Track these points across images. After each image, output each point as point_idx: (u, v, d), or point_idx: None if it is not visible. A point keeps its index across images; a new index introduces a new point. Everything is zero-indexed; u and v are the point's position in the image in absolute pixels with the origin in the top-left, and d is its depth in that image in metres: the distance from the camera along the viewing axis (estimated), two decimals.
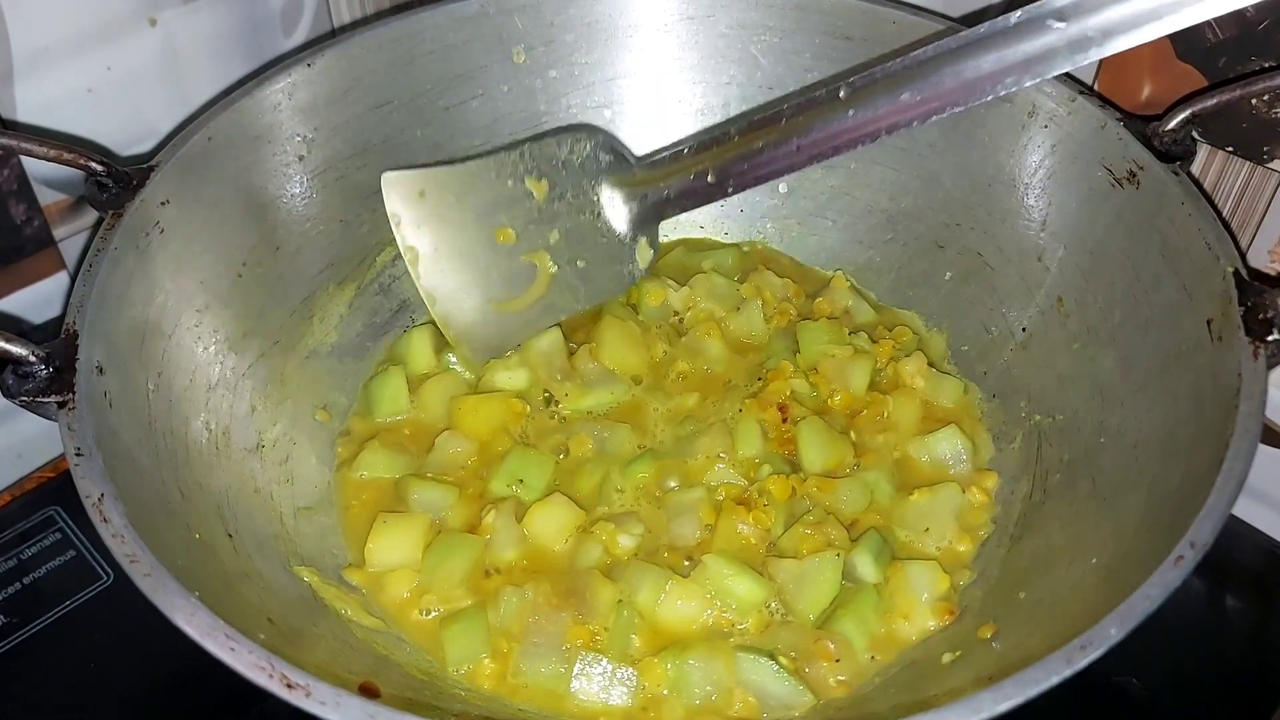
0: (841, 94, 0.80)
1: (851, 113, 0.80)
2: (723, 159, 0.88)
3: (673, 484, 0.89)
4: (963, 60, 0.75)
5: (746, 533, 0.84)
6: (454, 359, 0.97)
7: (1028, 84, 0.73)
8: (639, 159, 0.98)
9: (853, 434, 0.93)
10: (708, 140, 0.89)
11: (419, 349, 0.98)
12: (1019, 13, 0.72)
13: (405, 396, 0.95)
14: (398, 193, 0.92)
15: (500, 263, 0.94)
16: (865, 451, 0.92)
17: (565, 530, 0.85)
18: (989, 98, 0.74)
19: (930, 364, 0.97)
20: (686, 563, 0.84)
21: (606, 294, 0.97)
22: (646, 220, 0.95)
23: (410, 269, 0.93)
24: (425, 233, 0.93)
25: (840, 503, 0.87)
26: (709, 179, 0.89)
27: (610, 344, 0.97)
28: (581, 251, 0.96)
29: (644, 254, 0.96)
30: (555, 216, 0.95)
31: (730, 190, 0.89)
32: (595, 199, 0.95)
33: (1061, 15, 0.70)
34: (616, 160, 0.96)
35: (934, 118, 0.77)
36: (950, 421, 0.93)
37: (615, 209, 0.95)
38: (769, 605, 0.81)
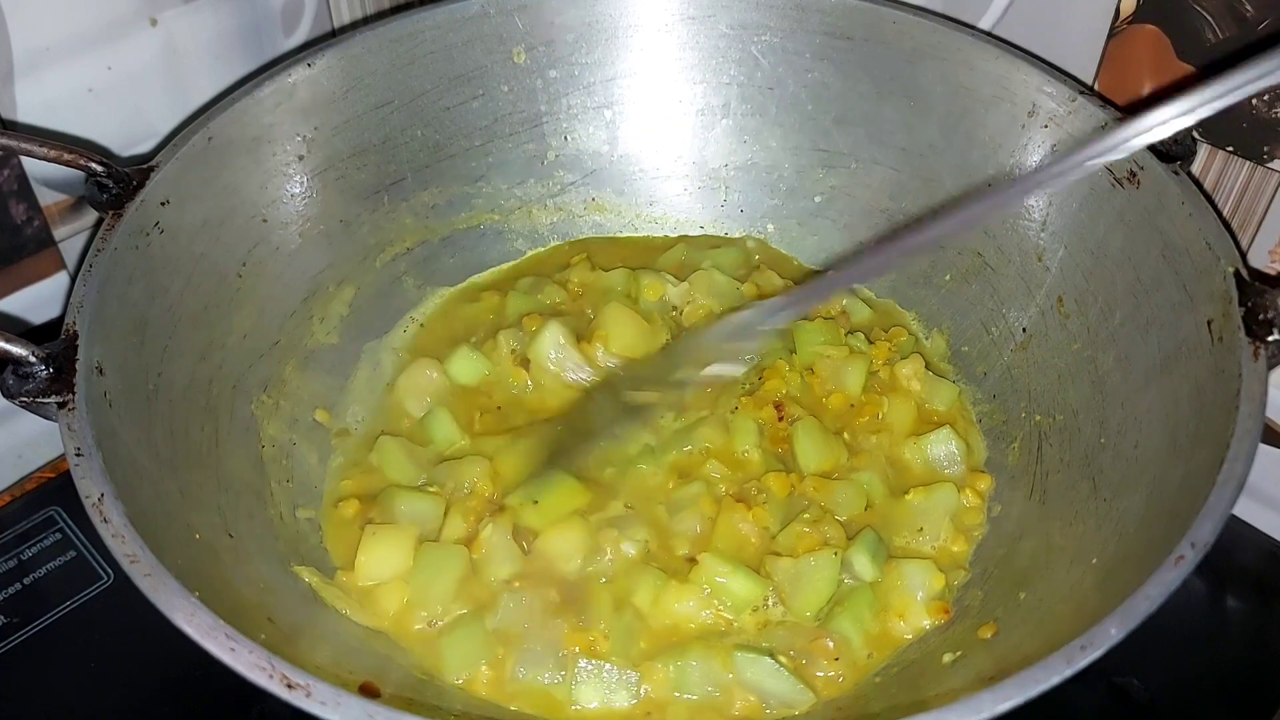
0: None
1: None
2: None
3: (671, 479, 0.88)
4: None
5: (746, 530, 0.84)
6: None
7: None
8: None
9: (846, 435, 0.93)
10: None
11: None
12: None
13: (458, 431, 0.92)
14: None
15: None
16: (858, 452, 0.91)
17: (578, 551, 0.83)
18: None
19: (928, 366, 0.97)
20: (686, 560, 0.83)
21: None
22: None
23: None
24: None
25: (835, 504, 0.87)
26: None
27: (618, 331, 0.96)
28: None
29: None
30: None
31: None
32: None
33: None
34: None
35: None
36: (944, 424, 0.93)
37: None
38: (767, 603, 0.81)
